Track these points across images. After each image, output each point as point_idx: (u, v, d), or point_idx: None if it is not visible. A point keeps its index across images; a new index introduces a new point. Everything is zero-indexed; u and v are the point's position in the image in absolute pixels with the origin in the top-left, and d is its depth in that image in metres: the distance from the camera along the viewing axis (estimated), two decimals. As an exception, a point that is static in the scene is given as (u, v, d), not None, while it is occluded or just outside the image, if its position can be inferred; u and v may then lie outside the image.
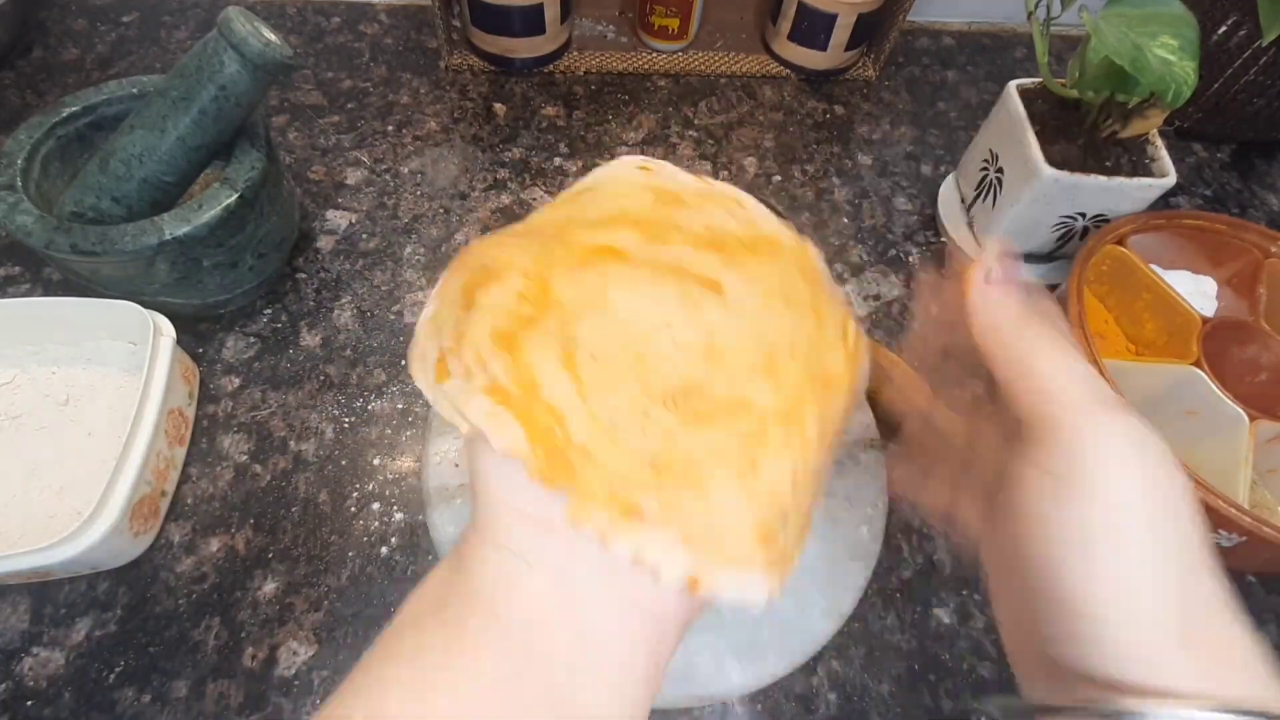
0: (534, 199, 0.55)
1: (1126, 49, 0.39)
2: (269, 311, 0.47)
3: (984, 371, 0.21)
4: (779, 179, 0.58)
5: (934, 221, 0.56)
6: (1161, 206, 0.48)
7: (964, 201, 0.55)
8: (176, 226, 0.37)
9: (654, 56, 0.64)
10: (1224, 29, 0.55)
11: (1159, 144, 0.47)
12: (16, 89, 0.57)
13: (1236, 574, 0.42)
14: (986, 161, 0.51)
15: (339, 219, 0.52)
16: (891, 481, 0.27)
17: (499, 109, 0.60)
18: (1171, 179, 0.46)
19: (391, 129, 0.58)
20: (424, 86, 0.61)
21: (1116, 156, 0.47)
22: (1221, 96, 0.59)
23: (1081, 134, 0.47)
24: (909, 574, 0.41)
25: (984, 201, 0.52)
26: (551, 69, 0.63)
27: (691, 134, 0.60)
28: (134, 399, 0.36)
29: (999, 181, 0.50)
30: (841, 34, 0.60)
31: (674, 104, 0.62)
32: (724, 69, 0.64)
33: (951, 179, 0.57)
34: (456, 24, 0.62)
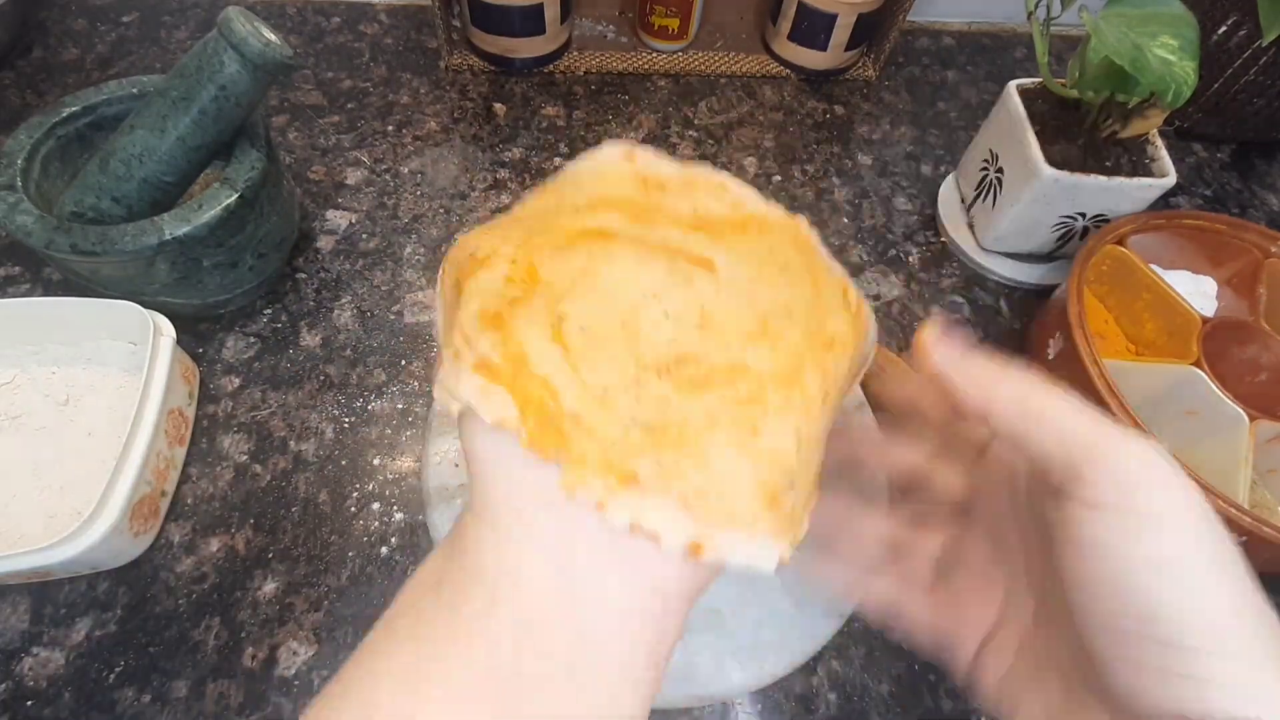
0: (534, 199, 0.55)
1: (1126, 49, 0.39)
2: (269, 311, 0.47)
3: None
4: (779, 179, 0.58)
5: (934, 221, 0.56)
6: (1161, 206, 0.48)
7: (964, 201, 0.55)
8: (176, 226, 0.37)
9: (654, 56, 0.64)
10: (1224, 29, 0.55)
11: (1159, 144, 0.47)
12: (16, 89, 0.57)
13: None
14: (986, 161, 0.51)
15: (339, 219, 0.52)
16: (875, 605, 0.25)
17: (499, 109, 0.60)
18: (1171, 179, 0.46)
19: (391, 129, 0.58)
20: (424, 86, 0.61)
21: (1116, 156, 0.47)
22: (1221, 96, 0.59)
23: (1081, 134, 0.47)
24: (909, 574, 0.41)
25: (984, 201, 0.52)
26: (551, 69, 0.63)
27: (691, 134, 0.60)
28: (134, 399, 0.37)
29: (999, 181, 0.50)
30: (841, 34, 0.60)
31: (674, 104, 0.62)
32: (724, 69, 0.64)
33: (951, 179, 0.57)
34: (456, 24, 0.63)
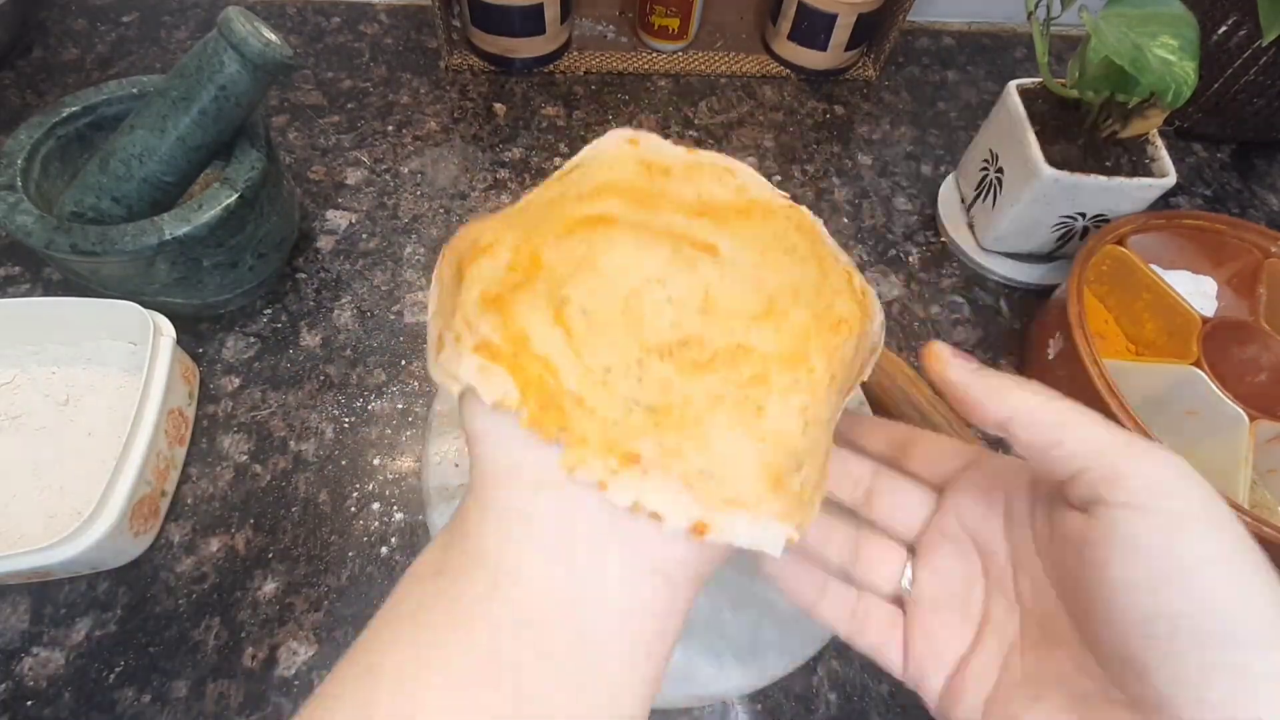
0: (534, 199, 0.55)
1: (1126, 49, 0.39)
2: (269, 311, 0.47)
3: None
4: (779, 179, 0.58)
5: (934, 221, 0.56)
6: (1161, 206, 0.48)
7: (964, 201, 0.55)
8: (176, 226, 0.37)
9: (654, 56, 0.64)
10: (1224, 29, 0.55)
11: (1159, 144, 0.47)
12: (16, 89, 0.57)
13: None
14: (986, 161, 0.51)
15: (339, 219, 0.52)
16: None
17: (499, 109, 0.60)
18: (1171, 179, 0.46)
19: (391, 129, 0.58)
20: (424, 86, 0.61)
21: (1116, 156, 0.47)
22: (1221, 96, 0.59)
23: (1081, 134, 0.47)
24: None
25: (984, 201, 0.52)
26: (551, 69, 0.63)
27: (691, 134, 0.60)
28: (134, 399, 0.36)
29: (999, 181, 0.50)
30: (841, 34, 0.60)
31: (674, 104, 0.62)
32: (724, 69, 0.64)
33: (951, 179, 0.57)
34: (456, 24, 0.63)
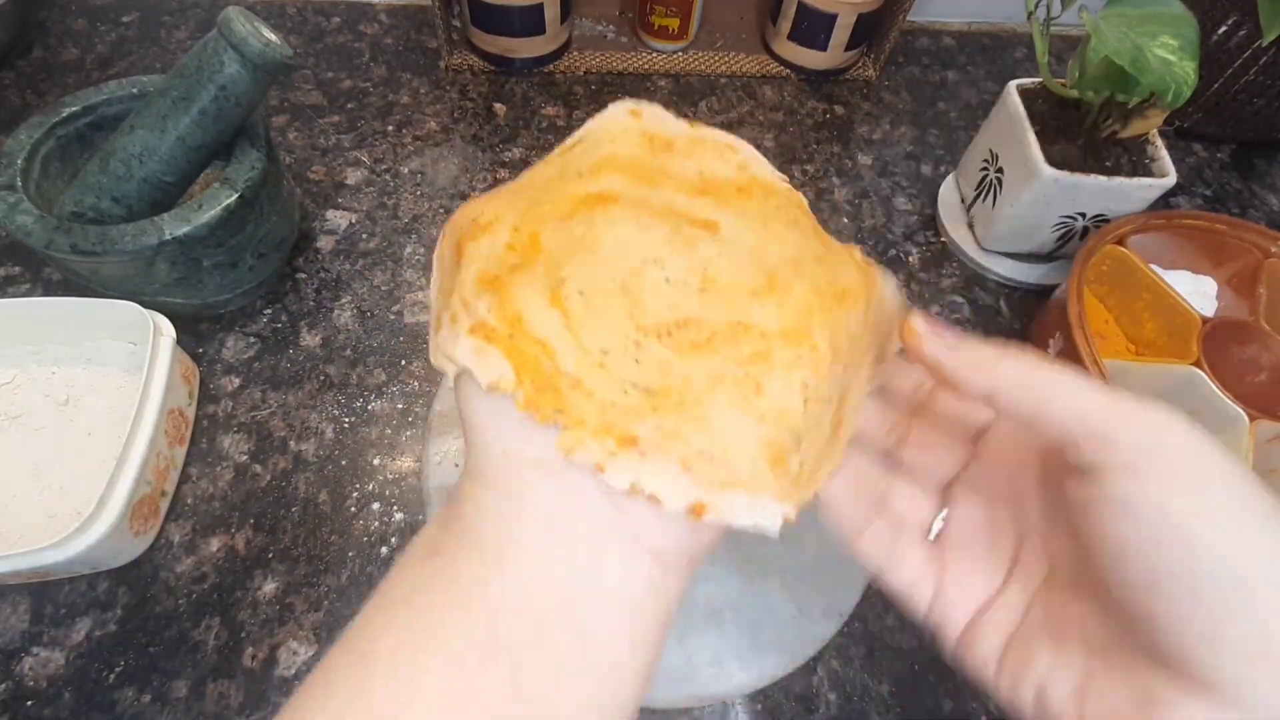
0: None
1: (1126, 49, 0.39)
2: (269, 311, 0.47)
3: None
4: (779, 179, 0.58)
5: (934, 221, 0.56)
6: (1161, 206, 0.48)
7: (964, 201, 0.55)
8: (176, 226, 0.37)
9: (654, 56, 0.64)
10: (1224, 29, 0.55)
11: (1159, 144, 0.47)
12: (16, 89, 0.57)
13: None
14: (986, 161, 0.51)
15: (339, 219, 0.52)
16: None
17: (499, 109, 0.60)
18: (1171, 179, 0.46)
19: (391, 129, 0.58)
20: (424, 86, 0.61)
21: (1116, 156, 0.47)
22: (1221, 96, 0.59)
23: (1081, 134, 0.47)
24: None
25: (984, 201, 0.52)
26: (551, 69, 0.63)
27: (691, 134, 0.60)
28: (134, 399, 0.36)
29: (999, 181, 0.50)
30: (841, 34, 0.60)
31: (674, 104, 0.62)
32: (724, 69, 0.64)
33: (951, 179, 0.57)
34: (456, 24, 0.62)
